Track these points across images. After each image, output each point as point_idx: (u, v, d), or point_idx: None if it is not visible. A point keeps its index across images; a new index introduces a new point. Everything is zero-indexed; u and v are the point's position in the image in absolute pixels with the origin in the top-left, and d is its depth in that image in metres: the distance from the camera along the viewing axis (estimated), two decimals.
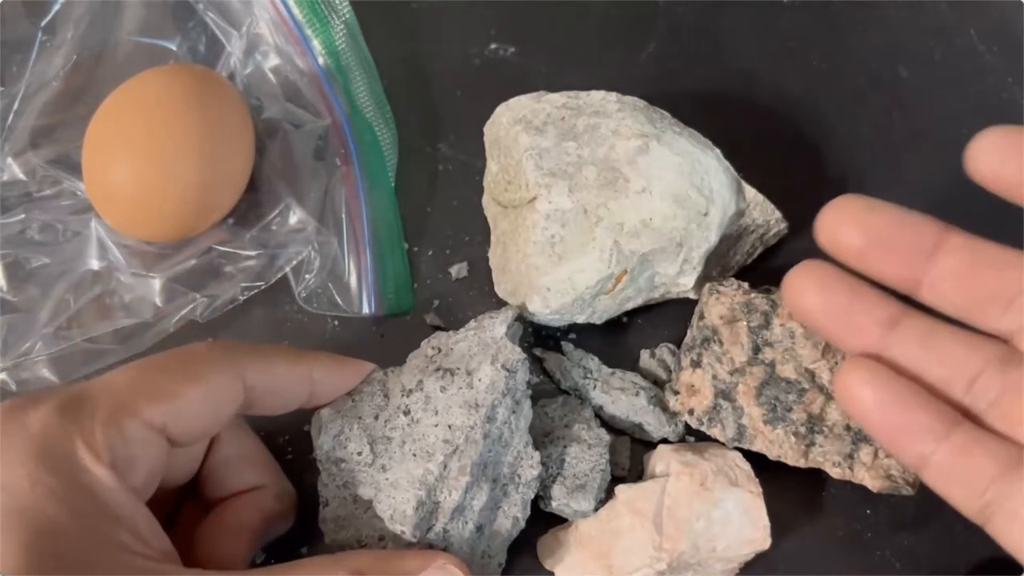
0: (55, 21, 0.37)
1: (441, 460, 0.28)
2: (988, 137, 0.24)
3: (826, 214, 0.25)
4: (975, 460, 0.23)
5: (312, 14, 0.36)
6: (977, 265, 0.24)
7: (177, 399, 0.25)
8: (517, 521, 0.30)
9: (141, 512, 0.24)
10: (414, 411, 0.29)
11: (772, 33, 0.40)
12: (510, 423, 0.29)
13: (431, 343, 0.31)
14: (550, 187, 0.31)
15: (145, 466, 0.25)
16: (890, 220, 0.24)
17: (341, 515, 0.29)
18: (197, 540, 0.28)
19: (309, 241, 0.34)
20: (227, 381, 0.26)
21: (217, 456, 0.29)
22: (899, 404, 0.24)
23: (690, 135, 0.33)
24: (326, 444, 0.29)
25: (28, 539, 0.21)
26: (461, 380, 0.29)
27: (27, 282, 0.34)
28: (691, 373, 0.31)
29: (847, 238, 0.25)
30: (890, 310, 0.25)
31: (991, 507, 0.23)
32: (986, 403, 0.24)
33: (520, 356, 0.29)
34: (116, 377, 0.25)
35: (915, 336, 0.25)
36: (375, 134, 0.36)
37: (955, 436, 0.24)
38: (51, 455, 0.23)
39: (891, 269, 0.25)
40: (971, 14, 0.40)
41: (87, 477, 0.23)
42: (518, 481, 0.30)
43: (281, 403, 0.29)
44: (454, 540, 0.28)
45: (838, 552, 0.32)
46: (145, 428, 0.24)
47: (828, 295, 0.25)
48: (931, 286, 0.25)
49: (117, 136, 0.32)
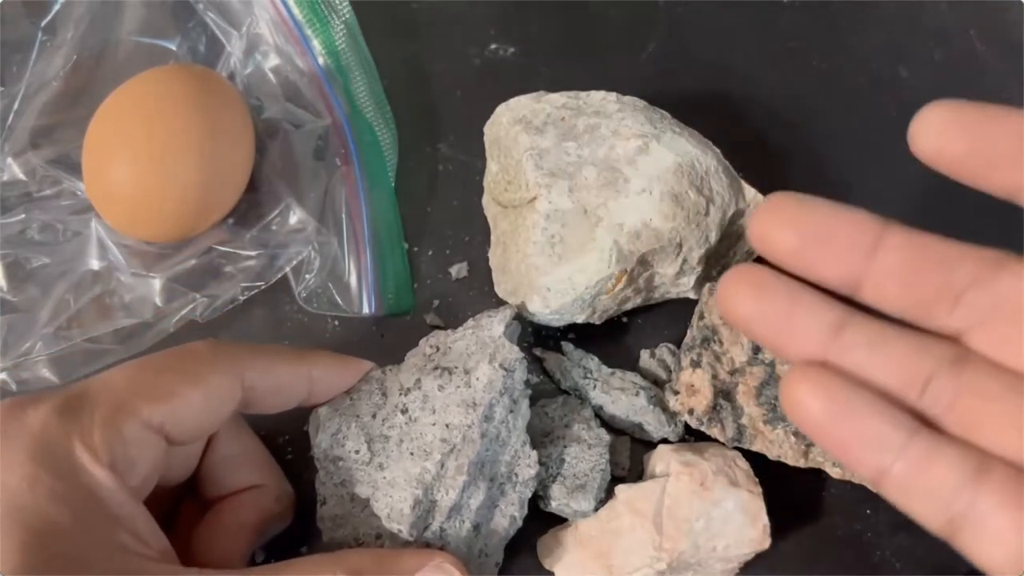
0: (55, 21, 0.37)
1: (438, 459, 0.28)
2: (930, 113, 0.22)
3: (757, 214, 0.23)
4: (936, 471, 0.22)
5: (312, 14, 0.36)
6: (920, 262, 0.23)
7: (175, 399, 0.25)
8: (514, 520, 0.30)
9: (140, 512, 0.24)
10: (412, 410, 0.29)
11: (772, 33, 0.40)
12: (508, 422, 0.29)
13: (429, 341, 0.31)
14: (550, 187, 0.31)
15: (144, 466, 0.25)
16: (825, 217, 0.23)
17: (339, 513, 0.29)
18: (195, 539, 0.28)
19: (309, 241, 0.34)
20: (226, 381, 0.26)
21: (216, 455, 0.29)
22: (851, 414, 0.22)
23: (690, 135, 0.33)
24: (324, 442, 0.29)
25: (27, 539, 0.21)
26: (459, 379, 0.29)
27: (27, 282, 0.34)
28: (691, 373, 0.31)
29: (780, 238, 0.23)
30: (833, 314, 0.23)
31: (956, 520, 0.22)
32: (941, 408, 0.23)
33: (518, 355, 0.29)
34: (115, 377, 0.25)
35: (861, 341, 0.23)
36: (375, 134, 0.36)
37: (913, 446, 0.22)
38: (50, 455, 0.23)
39: (829, 269, 0.23)
40: (971, 14, 0.40)
41: (86, 477, 0.23)
42: (515, 480, 0.30)
43: (280, 402, 0.29)
44: (451, 539, 0.28)
45: (838, 552, 0.32)
46: (144, 428, 0.24)
47: (765, 301, 0.23)
48: (873, 286, 0.23)
49: (117, 136, 0.32)
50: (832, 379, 0.23)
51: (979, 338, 0.23)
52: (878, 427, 0.22)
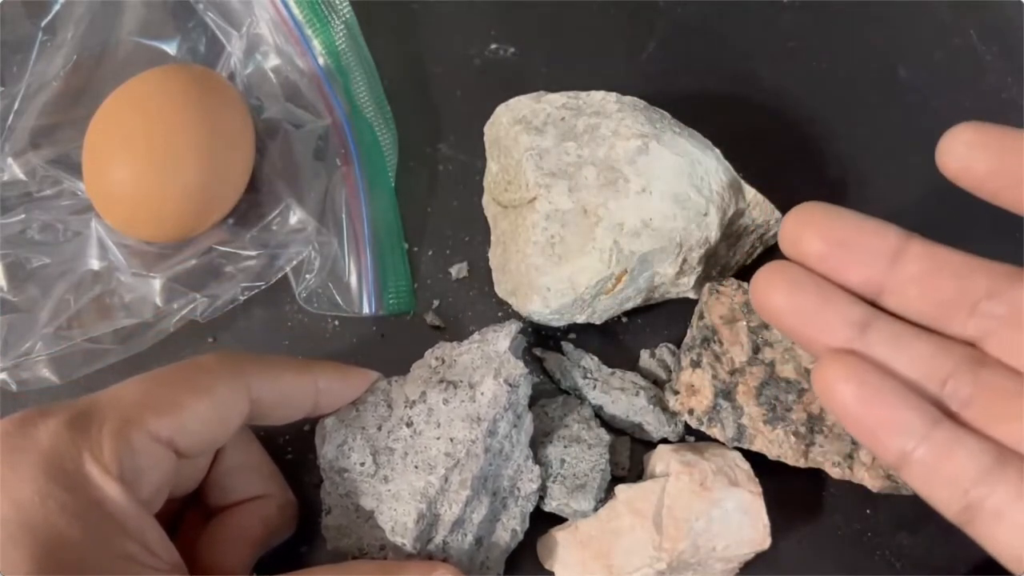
0: (55, 21, 0.37)
1: (442, 473, 0.28)
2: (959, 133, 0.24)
3: (788, 221, 0.25)
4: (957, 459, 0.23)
5: (312, 14, 0.36)
6: (939, 272, 0.24)
7: (184, 412, 0.25)
8: (516, 534, 0.30)
9: (149, 524, 0.24)
10: (417, 423, 0.29)
11: (772, 33, 0.40)
12: (511, 437, 0.29)
13: (435, 353, 0.31)
14: (550, 187, 0.31)
15: (153, 478, 0.25)
16: (851, 226, 0.24)
17: (343, 523, 0.29)
18: (199, 548, 0.28)
19: (309, 241, 0.34)
20: (232, 392, 0.27)
21: (222, 465, 0.29)
22: (880, 400, 0.24)
23: (690, 135, 0.33)
24: (330, 453, 0.29)
25: (38, 552, 0.22)
26: (464, 393, 0.29)
27: (27, 282, 0.34)
28: (691, 373, 0.31)
29: (808, 244, 0.24)
30: (860, 311, 0.25)
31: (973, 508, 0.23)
32: (959, 403, 0.24)
33: (523, 371, 0.30)
34: (124, 391, 0.25)
35: (885, 338, 0.24)
36: (375, 134, 0.36)
37: (936, 434, 0.23)
38: (60, 469, 0.23)
39: (854, 275, 0.25)
40: (971, 14, 0.40)
41: (96, 491, 0.23)
42: (517, 494, 0.30)
43: (287, 413, 0.29)
44: (453, 552, 0.28)
45: (838, 552, 0.32)
46: (152, 441, 0.25)
47: (797, 295, 0.25)
48: (894, 292, 0.25)
49: (117, 136, 0.32)
50: (862, 366, 0.24)
51: (995, 344, 0.24)
52: (904, 413, 0.23)
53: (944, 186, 0.24)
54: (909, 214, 0.37)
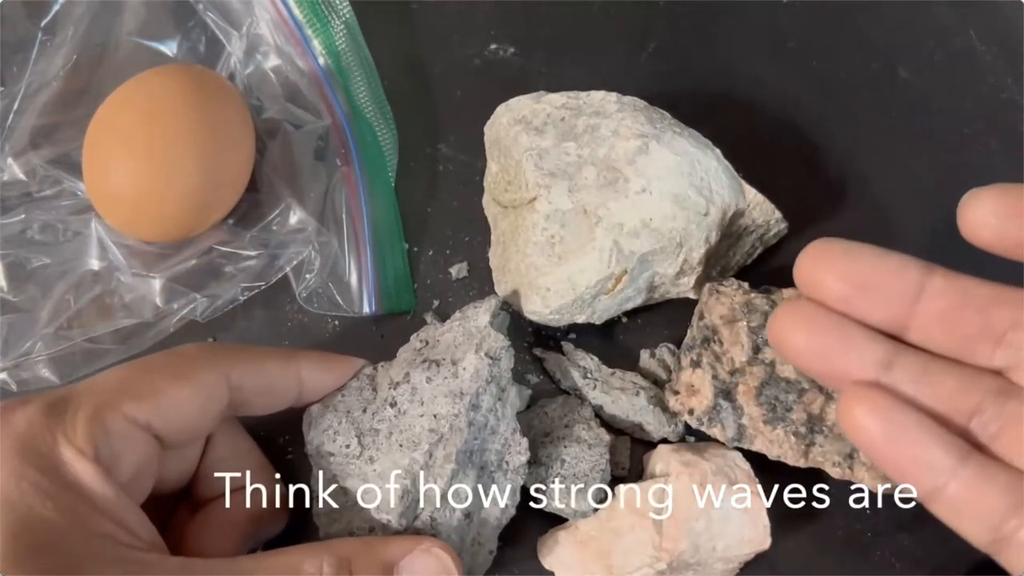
0: (55, 21, 0.37)
1: (426, 449, 0.28)
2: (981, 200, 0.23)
3: (803, 261, 0.24)
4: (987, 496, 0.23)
5: (312, 14, 0.36)
6: (963, 306, 0.24)
7: (161, 397, 0.26)
8: (507, 508, 0.30)
9: (127, 505, 0.25)
10: (400, 403, 0.29)
11: (772, 33, 0.40)
12: (496, 410, 0.29)
13: (420, 336, 0.31)
14: (550, 187, 0.31)
15: (131, 461, 0.25)
16: (870, 266, 0.24)
17: (333, 508, 0.29)
18: (186, 536, 0.29)
19: (309, 241, 0.34)
20: (211, 378, 0.27)
21: (211, 457, 0.30)
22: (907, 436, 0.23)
23: (690, 135, 0.33)
24: (316, 439, 0.30)
25: (13, 530, 0.22)
26: (447, 370, 0.29)
27: (27, 282, 0.34)
28: (691, 373, 0.31)
29: (828, 288, 0.24)
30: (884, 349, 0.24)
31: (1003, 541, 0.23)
32: (987, 436, 0.24)
33: (504, 343, 0.30)
34: (102, 377, 0.26)
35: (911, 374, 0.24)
36: (375, 134, 0.36)
37: (966, 470, 0.23)
38: (35, 452, 0.23)
39: (876, 315, 0.24)
40: (971, 14, 0.40)
41: (70, 472, 0.24)
42: (506, 468, 0.30)
43: (270, 402, 0.29)
44: (442, 528, 0.28)
45: (838, 552, 0.32)
46: (128, 423, 0.25)
47: (817, 337, 0.24)
48: (919, 329, 0.24)
49: (117, 136, 0.32)
50: (887, 400, 0.23)
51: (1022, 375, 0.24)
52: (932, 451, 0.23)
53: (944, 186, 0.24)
54: (909, 214, 0.37)
